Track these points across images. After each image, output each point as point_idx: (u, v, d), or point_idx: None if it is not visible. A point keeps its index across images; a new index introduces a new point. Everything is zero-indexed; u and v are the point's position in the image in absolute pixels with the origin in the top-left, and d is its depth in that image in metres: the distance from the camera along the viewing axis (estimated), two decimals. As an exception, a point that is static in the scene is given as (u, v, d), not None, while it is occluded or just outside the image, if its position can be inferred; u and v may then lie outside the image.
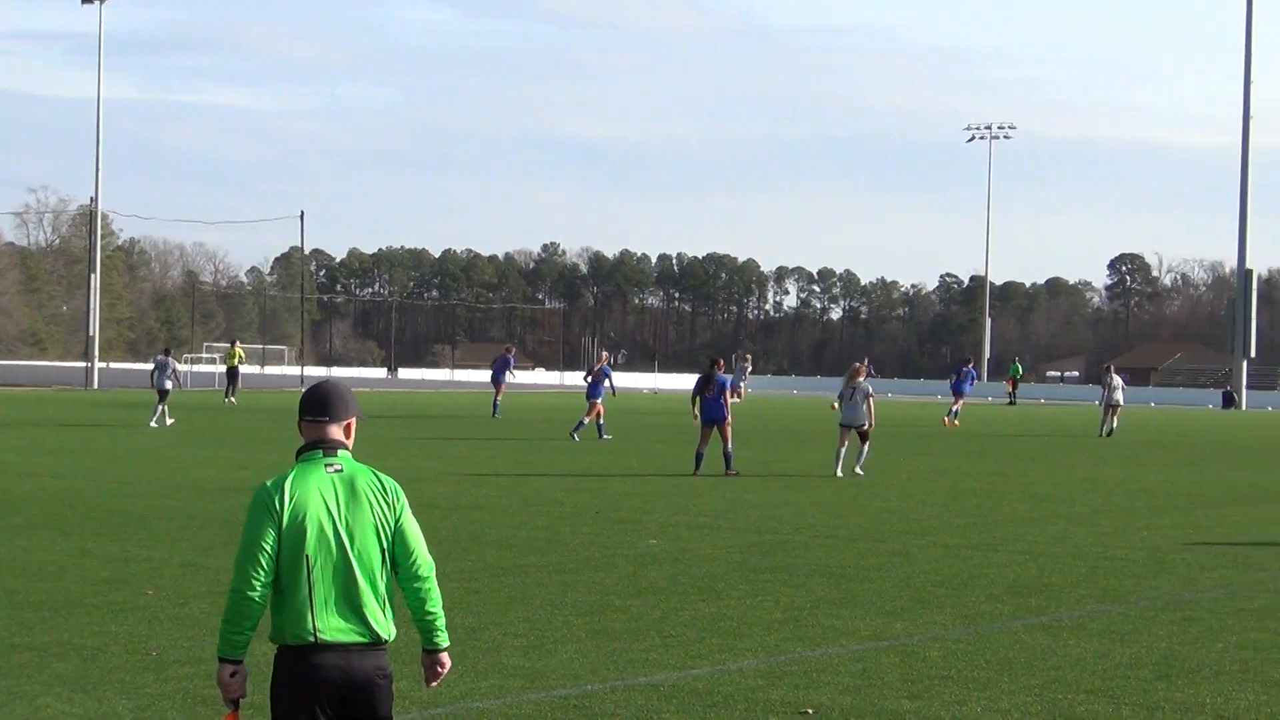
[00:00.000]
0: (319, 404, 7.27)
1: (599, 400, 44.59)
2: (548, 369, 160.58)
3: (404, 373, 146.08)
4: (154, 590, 15.98)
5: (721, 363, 34.29)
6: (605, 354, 50.63)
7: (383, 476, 7.26)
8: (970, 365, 66.87)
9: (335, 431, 7.25)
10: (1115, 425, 52.39)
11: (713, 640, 13.72)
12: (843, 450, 32.36)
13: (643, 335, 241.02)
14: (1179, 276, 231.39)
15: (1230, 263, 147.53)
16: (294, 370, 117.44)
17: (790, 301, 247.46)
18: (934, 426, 56.72)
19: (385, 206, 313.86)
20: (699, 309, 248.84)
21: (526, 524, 22.41)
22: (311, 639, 6.96)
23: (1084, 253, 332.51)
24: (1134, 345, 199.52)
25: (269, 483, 7.13)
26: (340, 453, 7.20)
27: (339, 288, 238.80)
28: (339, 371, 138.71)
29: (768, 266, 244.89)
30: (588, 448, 40.08)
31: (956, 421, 58.65)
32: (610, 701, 11.36)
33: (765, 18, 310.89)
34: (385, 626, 7.13)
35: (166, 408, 48.18)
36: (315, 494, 7.06)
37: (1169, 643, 13.93)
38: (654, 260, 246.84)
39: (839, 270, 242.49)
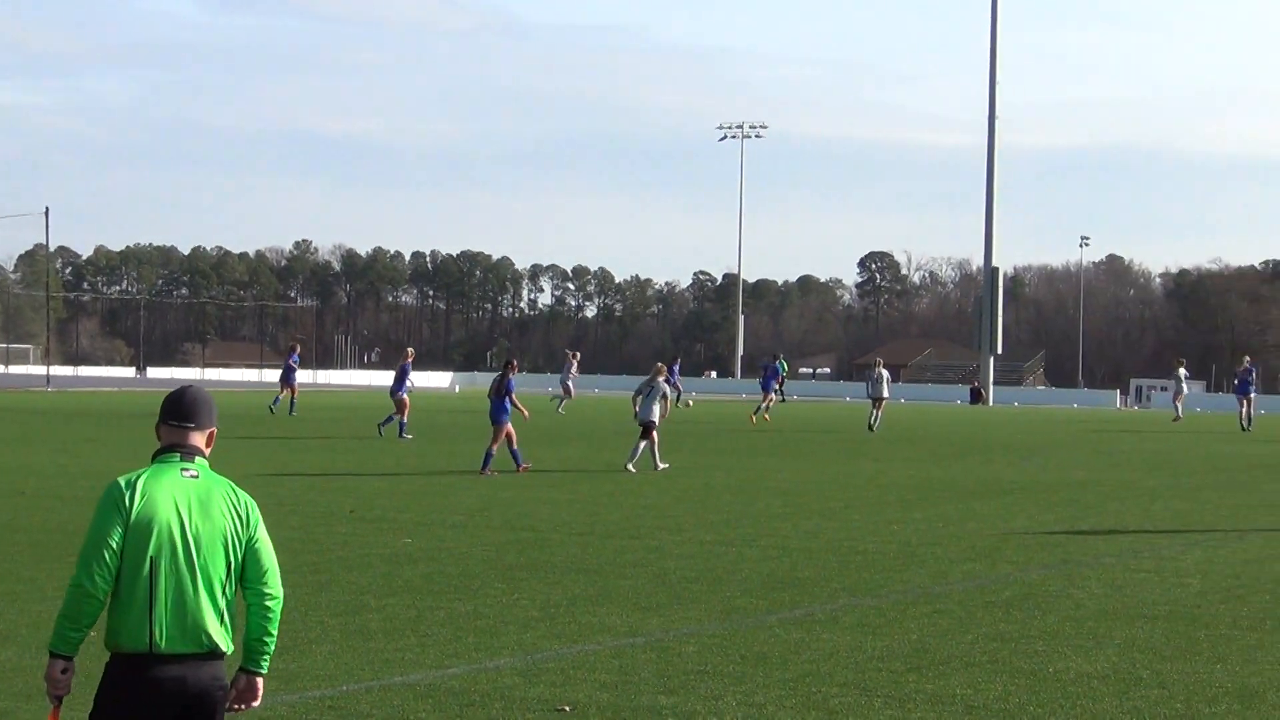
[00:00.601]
0: (184, 409, 7.11)
1: (404, 395, 44.99)
2: (300, 367, 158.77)
3: (153, 371, 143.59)
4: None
5: (515, 365, 34.21)
6: (410, 350, 50.64)
7: (240, 491, 7.14)
8: (777, 361, 67.66)
9: (196, 438, 7.11)
10: (879, 419, 53.34)
11: (469, 639, 13.66)
12: (641, 446, 33.19)
13: (397, 333, 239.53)
14: (927, 274, 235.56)
15: (977, 261, 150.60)
16: (39, 370, 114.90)
17: (545, 299, 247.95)
18: (686, 424, 57.03)
19: (133, 203, 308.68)
20: (453, 307, 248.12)
21: (280, 524, 22.11)
22: (149, 648, 6.78)
23: (835, 251, 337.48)
24: (884, 342, 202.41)
25: (121, 479, 6.93)
26: (198, 460, 7.07)
27: (85, 285, 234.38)
28: (86, 371, 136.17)
29: (522, 264, 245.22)
30: (343, 444, 39.76)
31: (767, 416, 59.40)
32: (366, 702, 11.27)
33: (520, 15, 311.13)
34: (225, 639, 6.97)
35: None
36: (167, 497, 6.89)
37: (920, 635, 14.15)
38: (408, 258, 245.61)
39: (593, 268, 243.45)
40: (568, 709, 11.17)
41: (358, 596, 15.80)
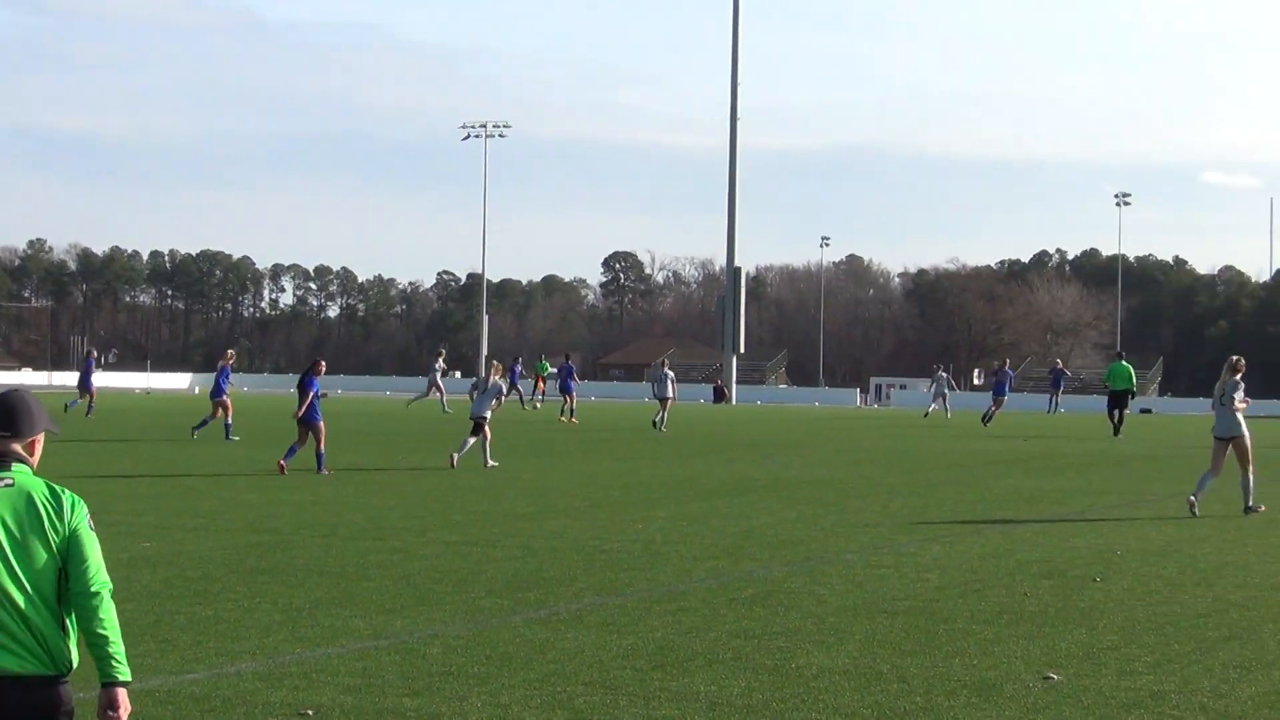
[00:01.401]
0: (5, 420, 6.85)
1: (225, 398, 44.45)
2: (35, 369, 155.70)
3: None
4: None
5: (321, 365, 34.36)
6: (231, 351, 50.02)
7: (59, 488, 6.83)
8: (570, 361, 68.11)
9: (14, 445, 6.83)
10: (665, 419, 53.99)
11: (210, 643, 13.46)
12: (470, 441, 34.51)
13: (134, 334, 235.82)
14: (671, 274, 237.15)
15: (720, 261, 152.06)
16: None
17: (287, 299, 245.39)
18: (434, 423, 56.75)
19: None
20: (193, 307, 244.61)
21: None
22: None
23: (579, 251, 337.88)
24: (628, 342, 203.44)
25: None
26: (16, 466, 6.78)
27: None
28: None
29: (263, 264, 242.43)
30: (78, 448, 39.00)
31: (574, 419, 59.69)
32: (103, 710, 11.03)
33: (258, 13, 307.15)
34: (65, 655, 6.58)
35: None
36: None
37: (664, 633, 14.20)
38: (145, 257, 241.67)
39: (336, 268, 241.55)
40: (311, 713, 11.05)
41: (94, 602, 15.46)
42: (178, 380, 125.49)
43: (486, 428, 34.76)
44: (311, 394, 32.95)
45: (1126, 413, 55.49)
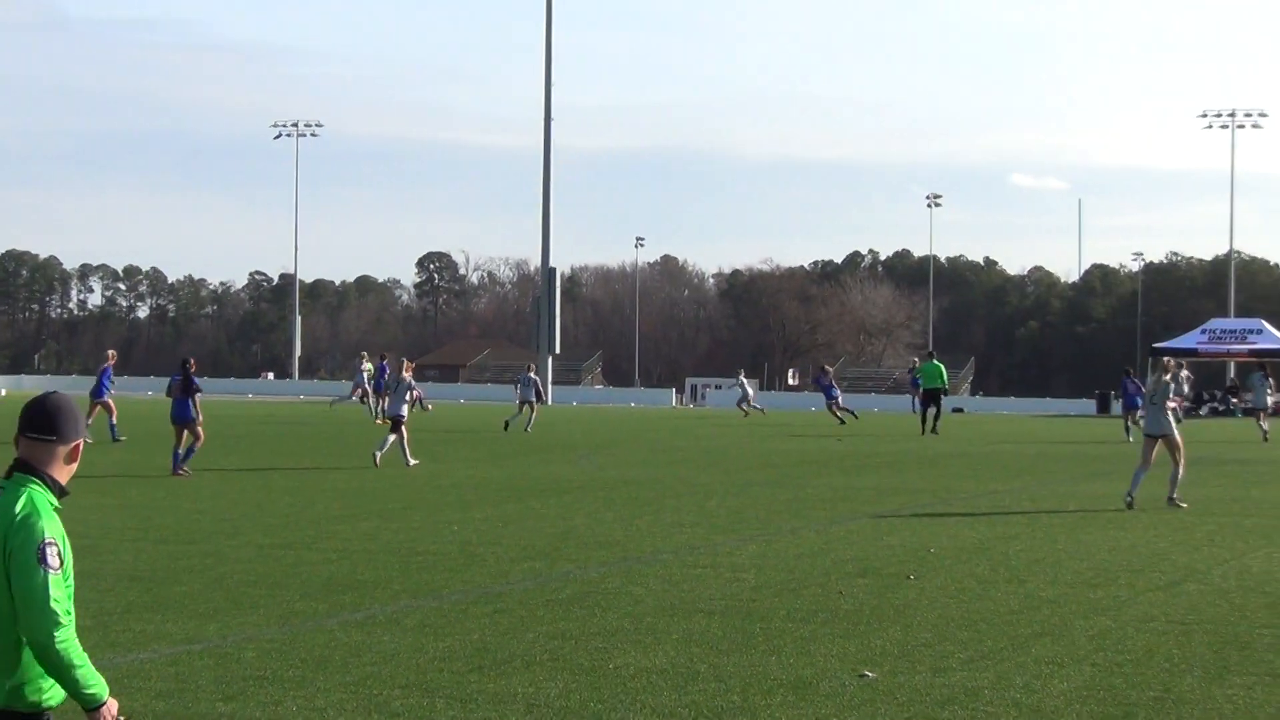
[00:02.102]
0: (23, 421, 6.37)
1: (107, 398, 45.00)
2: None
3: None
4: None
5: (194, 363, 35.06)
6: (112, 352, 49.80)
7: (15, 509, 6.32)
8: (385, 362, 67.64)
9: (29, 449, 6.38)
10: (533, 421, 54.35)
11: (17, 650, 13.19)
12: (390, 439, 35.70)
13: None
14: (486, 275, 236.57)
15: (535, 261, 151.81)
16: None
17: (95, 300, 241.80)
18: (247, 425, 56.21)
19: None
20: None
21: None
22: None
23: (393, 251, 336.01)
24: (443, 342, 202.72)
25: None
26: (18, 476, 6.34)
27: None
28: None
29: (70, 264, 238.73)
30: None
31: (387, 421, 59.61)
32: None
33: (62, 9, 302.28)
34: (21, 694, 6.26)
35: None
36: None
37: (481, 635, 14.15)
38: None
39: (145, 268, 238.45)
40: (123, 719, 10.84)
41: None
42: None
43: (404, 426, 35.86)
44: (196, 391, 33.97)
45: (941, 410, 56.12)
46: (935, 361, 57.96)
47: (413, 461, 35.20)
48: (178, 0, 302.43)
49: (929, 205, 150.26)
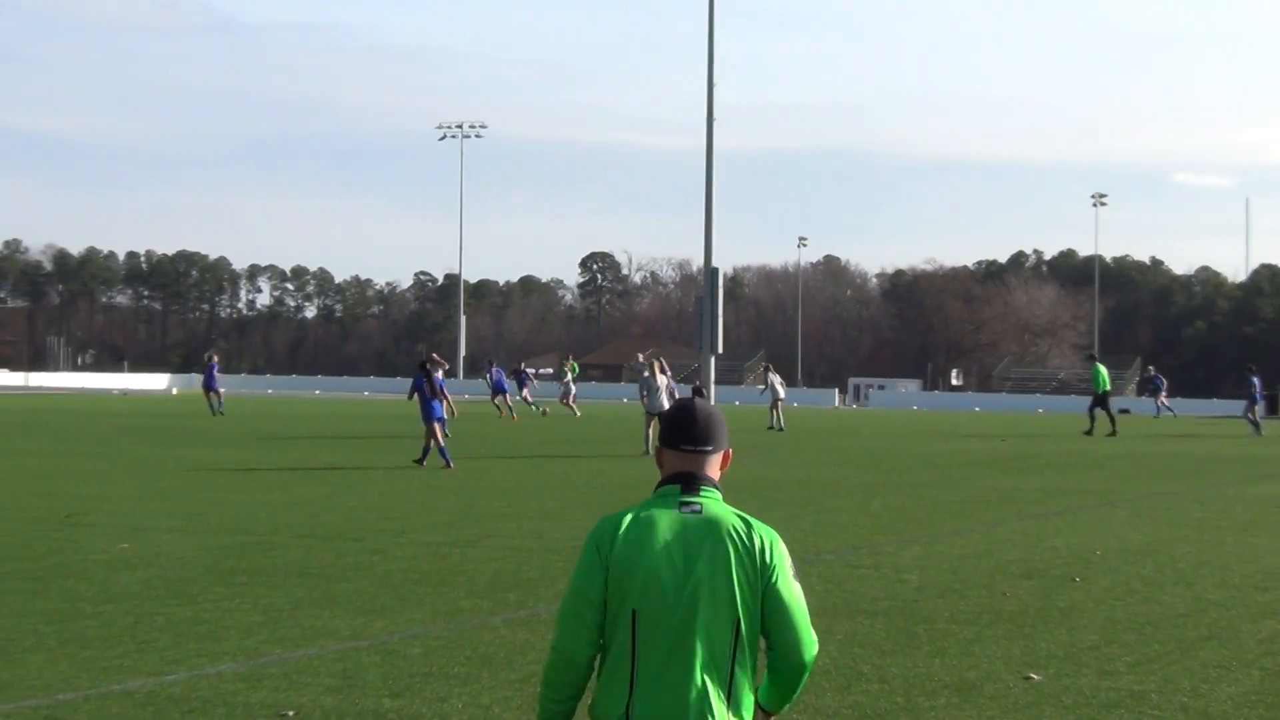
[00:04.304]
0: (696, 431, 5.93)
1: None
2: (12, 369, 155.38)
3: None
4: None
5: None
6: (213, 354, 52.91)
7: (755, 523, 5.89)
8: (492, 363, 69.65)
9: (708, 465, 5.95)
10: (781, 420, 54.66)
11: (190, 645, 13.43)
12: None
13: (111, 335, 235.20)
14: (648, 274, 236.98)
15: (697, 261, 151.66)
16: None
17: (264, 300, 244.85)
18: (411, 423, 56.65)
19: None
20: (169, 308, 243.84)
21: (-9, 530, 21.63)
22: None
23: (556, 251, 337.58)
24: (606, 342, 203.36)
25: (609, 516, 5.84)
26: (704, 490, 5.87)
27: None
28: None
29: (240, 264, 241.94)
30: (56, 450, 38.92)
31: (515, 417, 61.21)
32: (83, 711, 11.02)
33: (232, 13, 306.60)
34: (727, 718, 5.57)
35: None
36: (656, 537, 5.69)
37: (644, 633, 14.16)
38: (122, 258, 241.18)
39: (313, 268, 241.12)
40: (291, 714, 11.02)
41: (73, 604, 15.45)
42: (155, 381, 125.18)
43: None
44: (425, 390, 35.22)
45: (1101, 412, 55.74)
46: (1099, 365, 57.64)
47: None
48: (343, 4, 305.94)
49: (1094, 204, 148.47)
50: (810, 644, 5.75)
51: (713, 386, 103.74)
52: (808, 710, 11.37)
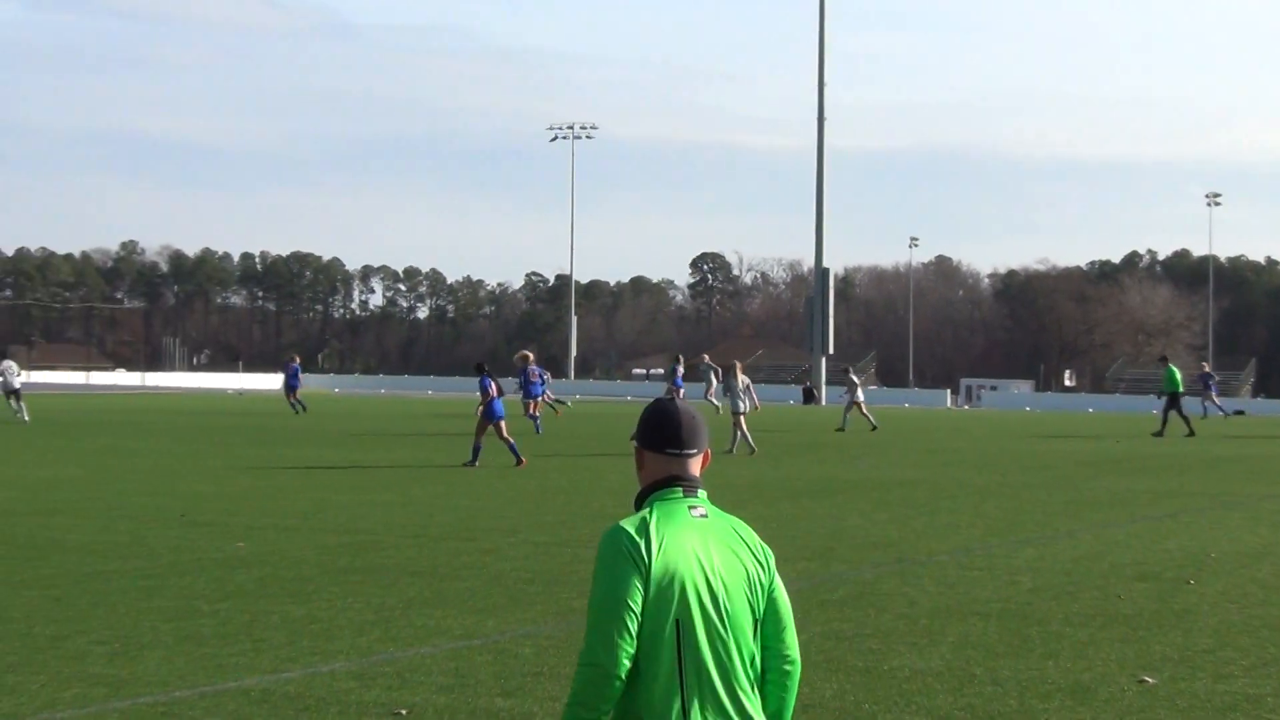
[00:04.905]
0: (683, 434, 5.89)
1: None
2: (129, 369, 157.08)
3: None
4: None
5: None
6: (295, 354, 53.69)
7: (747, 528, 5.95)
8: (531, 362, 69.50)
9: (696, 466, 5.93)
10: (855, 419, 54.52)
11: (304, 643, 13.53)
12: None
13: (226, 335, 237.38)
14: (759, 275, 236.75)
15: (808, 262, 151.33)
16: None
17: (376, 300, 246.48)
18: (523, 423, 56.91)
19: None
20: (284, 308, 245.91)
21: (109, 529, 21.87)
22: None
23: (667, 252, 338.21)
24: (717, 343, 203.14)
25: (628, 525, 5.65)
26: (700, 494, 5.89)
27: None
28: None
29: (353, 265, 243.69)
30: (172, 449, 39.28)
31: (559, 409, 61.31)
32: (199, 708, 11.13)
33: (345, 16, 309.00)
34: (759, 712, 5.62)
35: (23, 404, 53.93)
36: (684, 543, 5.64)
37: (756, 634, 14.15)
38: (236, 259, 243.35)
39: (425, 269, 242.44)
40: (404, 712, 11.09)
41: (190, 601, 15.61)
42: (270, 381, 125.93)
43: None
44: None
45: (1174, 413, 56.00)
46: (1171, 366, 57.71)
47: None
48: (456, 6, 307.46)
49: (1208, 204, 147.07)
50: (797, 644, 5.79)
51: (823, 387, 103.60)
52: (920, 711, 11.34)
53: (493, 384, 35.71)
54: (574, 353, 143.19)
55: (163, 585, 16.70)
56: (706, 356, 79.48)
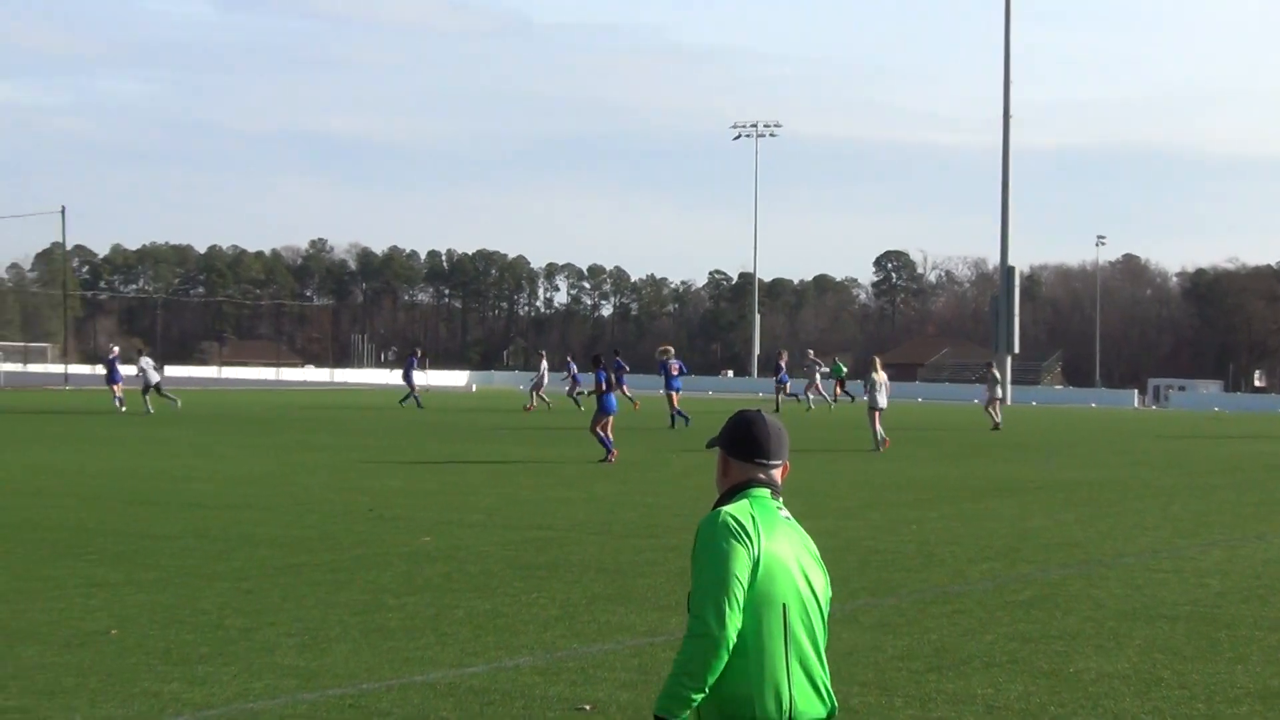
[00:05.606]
0: (773, 447, 6.11)
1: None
2: (318, 366, 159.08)
3: (171, 370, 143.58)
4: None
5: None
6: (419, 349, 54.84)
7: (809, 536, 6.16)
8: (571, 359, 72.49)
9: (779, 475, 6.14)
10: (999, 417, 54.55)
11: (489, 637, 13.66)
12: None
13: (413, 332, 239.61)
14: (943, 273, 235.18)
15: (993, 259, 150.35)
16: (57, 368, 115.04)
17: (561, 298, 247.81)
18: (707, 419, 56.93)
19: (148, 202, 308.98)
20: (469, 306, 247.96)
21: (298, 523, 22.19)
22: (784, 716, 5.70)
23: (850, 250, 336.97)
24: (900, 341, 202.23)
25: (731, 511, 5.87)
26: (781, 499, 6.11)
27: (102, 284, 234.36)
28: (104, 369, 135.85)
29: (538, 263, 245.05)
30: (360, 444, 39.75)
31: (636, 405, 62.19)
32: (386, 700, 11.27)
33: (527, 15, 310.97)
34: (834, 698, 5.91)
35: (149, 398, 56.23)
36: (782, 535, 5.87)
37: (940, 635, 14.11)
38: (423, 257, 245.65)
39: (609, 267, 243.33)
40: (588, 708, 11.16)
41: (377, 595, 15.81)
42: (455, 378, 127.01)
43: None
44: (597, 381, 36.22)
45: None
46: None
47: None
48: (638, 5, 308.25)
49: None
50: None
51: (1009, 386, 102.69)
52: (1106, 715, 11.24)
53: (606, 378, 35.93)
54: (757, 351, 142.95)
55: (350, 579, 16.93)
56: (811, 352, 79.42)
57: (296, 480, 29.16)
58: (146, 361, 58.00)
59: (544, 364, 70.50)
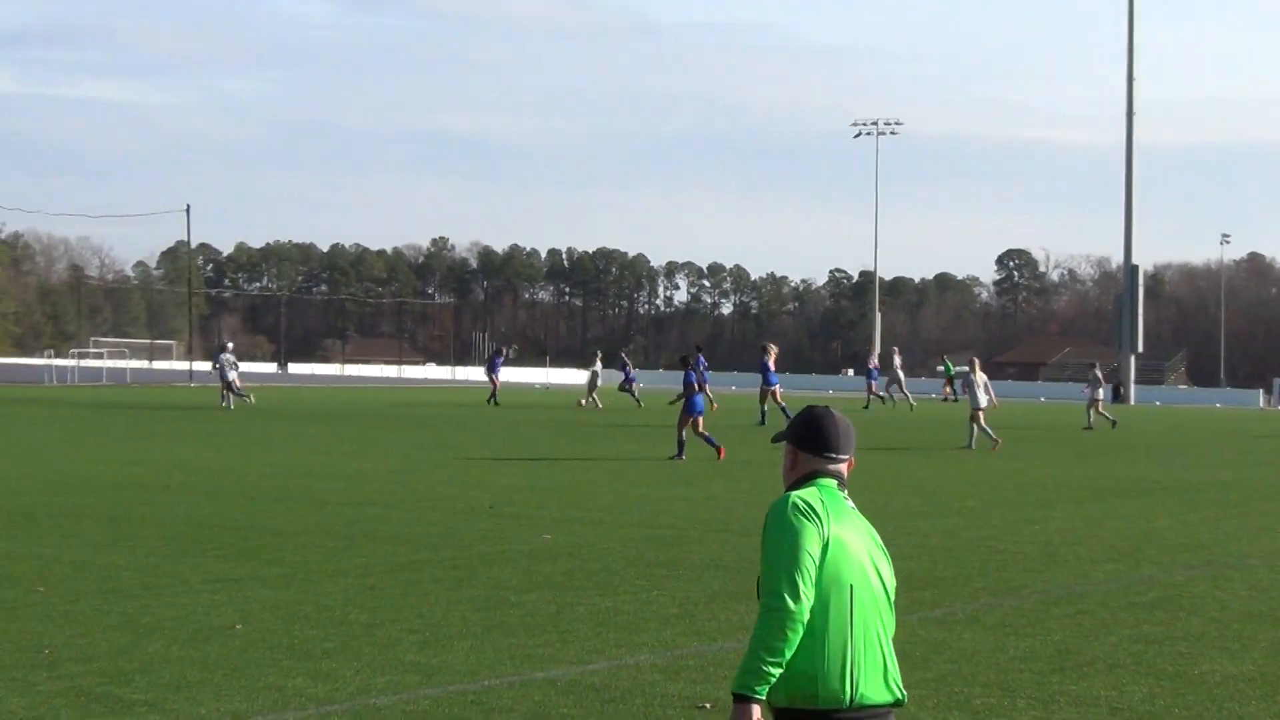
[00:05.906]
0: (842, 442, 6.23)
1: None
2: (439, 364, 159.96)
3: (294, 367, 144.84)
4: (45, 588, 15.80)
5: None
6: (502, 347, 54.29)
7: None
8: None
9: (845, 470, 6.25)
10: (1096, 419, 53.90)
11: (609, 635, 13.69)
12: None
13: (534, 330, 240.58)
14: (1066, 272, 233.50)
15: (1116, 259, 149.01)
16: (182, 365, 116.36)
17: (681, 296, 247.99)
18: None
19: (272, 201, 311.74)
20: (590, 304, 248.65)
21: (420, 520, 22.32)
22: (848, 701, 5.85)
23: (972, 248, 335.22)
24: (1022, 340, 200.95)
25: (800, 496, 6.05)
26: (845, 491, 6.22)
27: (226, 282, 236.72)
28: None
29: (658, 261, 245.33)
30: (481, 442, 39.95)
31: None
32: (507, 697, 11.31)
33: (649, 14, 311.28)
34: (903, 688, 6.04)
35: (232, 395, 57.46)
36: (848, 521, 6.02)
37: (1063, 635, 14.02)
38: (544, 255, 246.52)
39: (729, 265, 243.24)
40: (708, 706, 11.16)
41: (498, 592, 15.88)
42: (576, 376, 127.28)
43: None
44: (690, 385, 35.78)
45: None
46: None
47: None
48: (760, 3, 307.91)
49: None
50: None
51: (1132, 386, 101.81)
52: (1230, 718, 11.13)
53: (695, 378, 35.71)
54: (878, 349, 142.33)
55: (472, 576, 17.01)
56: (896, 349, 79.30)
57: (418, 477, 29.34)
58: (226, 357, 58.33)
59: (598, 363, 69.96)
